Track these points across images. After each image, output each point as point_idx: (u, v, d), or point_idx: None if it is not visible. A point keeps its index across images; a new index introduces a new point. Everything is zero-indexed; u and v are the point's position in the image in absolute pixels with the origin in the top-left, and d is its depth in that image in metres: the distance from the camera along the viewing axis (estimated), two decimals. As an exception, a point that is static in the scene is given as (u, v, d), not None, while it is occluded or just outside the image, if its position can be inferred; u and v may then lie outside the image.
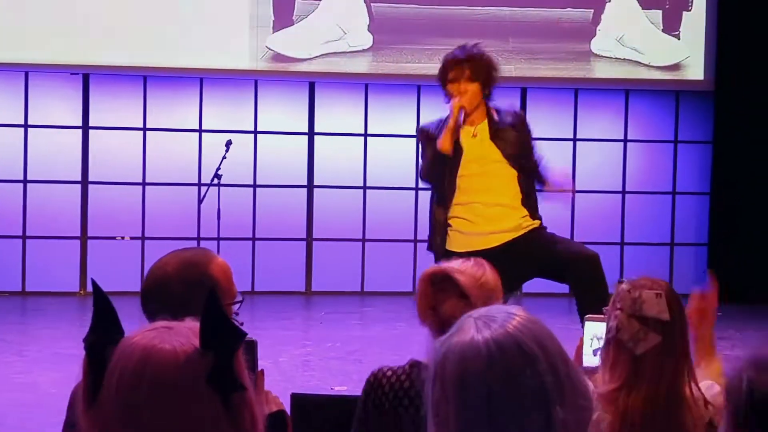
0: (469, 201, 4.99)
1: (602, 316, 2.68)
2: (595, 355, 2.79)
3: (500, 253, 4.76)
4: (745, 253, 9.23)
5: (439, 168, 4.96)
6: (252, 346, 2.07)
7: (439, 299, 2.64)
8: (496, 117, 5.03)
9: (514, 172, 4.98)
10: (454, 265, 2.71)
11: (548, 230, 5.10)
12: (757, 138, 9.24)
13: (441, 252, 4.90)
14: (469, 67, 4.94)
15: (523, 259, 4.93)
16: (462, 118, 4.92)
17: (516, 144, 4.98)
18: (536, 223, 5.05)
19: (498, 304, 2.58)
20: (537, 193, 5.11)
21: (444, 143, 4.90)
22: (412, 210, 9.29)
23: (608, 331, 2.49)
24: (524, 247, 4.97)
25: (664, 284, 2.52)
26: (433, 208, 5.10)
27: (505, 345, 1.33)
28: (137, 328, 1.43)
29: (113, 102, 9.15)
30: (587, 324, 2.86)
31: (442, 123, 5.02)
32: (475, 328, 1.37)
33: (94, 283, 1.44)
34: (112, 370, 1.37)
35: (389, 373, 2.70)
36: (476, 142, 4.98)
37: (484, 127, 5.02)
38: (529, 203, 5.04)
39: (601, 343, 2.67)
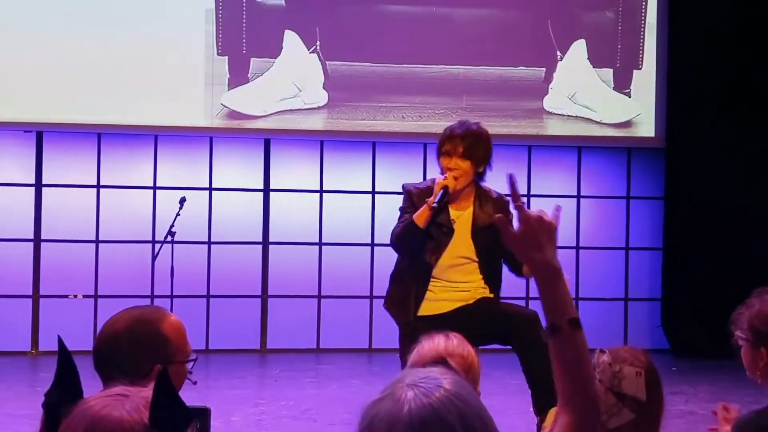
0: (440, 278, 5.07)
1: None
2: None
3: (449, 318, 4.83)
4: (698, 307, 9.31)
5: (406, 239, 4.98)
6: (204, 414, 2.05)
7: None
8: (480, 209, 5.06)
9: (477, 268, 5.08)
10: (444, 346, 2.67)
11: (495, 300, 5.15)
12: (708, 193, 9.36)
13: (403, 317, 5.00)
14: (464, 144, 4.96)
15: (469, 325, 4.96)
16: (441, 197, 4.93)
17: (493, 245, 4.96)
18: (490, 295, 5.12)
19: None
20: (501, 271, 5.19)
21: (420, 217, 4.92)
22: (368, 266, 9.30)
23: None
24: (472, 314, 5.02)
25: (645, 360, 2.52)
26: (406, 275, 5.08)
27: (427, 420, 1.39)
28: (96, 391, 1.42)
29: (67, 159, 9.11)
30: None
31: (426, 187, 5.07)
32: (404, 395, 1.42)
33: (59, 341, 1.45)
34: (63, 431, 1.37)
35: None
36: (457, 232, 5.03)
37: (468, 217, 5.06)
38: (493, 282, 5.12)
39: None
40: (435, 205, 4.91)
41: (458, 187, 4.99)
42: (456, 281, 5.08)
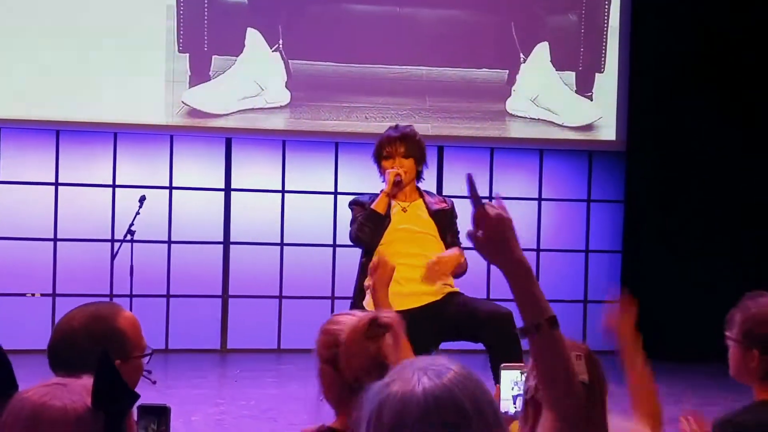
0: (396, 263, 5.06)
1: (517, 364, 2.68)
2: (515, 402, 2.83)
3: (420, 314, 4.87)
4: (656, 310, 9.36)
5: (371, 226, 5.17)
6: (164, 413, 2.02)
7: (375, 347, 2.61)
8: (428, 199, 5.32)
9: (441, 243, 5.20)
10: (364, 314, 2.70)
11: (464, 294, 5.20)
12: (667, 197, 9.44)
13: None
14: (403, 145, 5.26)
15: (440, 320, 5.02)
16: (396, 184, 5.18)
17: (447, 224, 5.26)
18: (455, 288, 5.18)
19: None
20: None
21: (379, 204, 5.18)
22: (330, 267, 9.27)
23: (527, 392, 2.49)
24: (442, 309, 5.07)
25: (584, 347, 2.53)
26: (359, 272, 5.16)
27: (441, 398, 1.41)
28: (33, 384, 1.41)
29: (24, 156, 9.00)
30: (503, 372, 2.91)
31: (375, 196, 5.29)
32: (416, 378, 1.44)
33: None
34: (1, 426, 1.36)
35: None
36: (408, 215, 5.15)
37: (419, 204, 5.28)
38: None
39: (520, 388, 2.69)
40: (396, 188, 5.18)
41: (406, 181, 5.25)
42: (416, 264, 5.08)
